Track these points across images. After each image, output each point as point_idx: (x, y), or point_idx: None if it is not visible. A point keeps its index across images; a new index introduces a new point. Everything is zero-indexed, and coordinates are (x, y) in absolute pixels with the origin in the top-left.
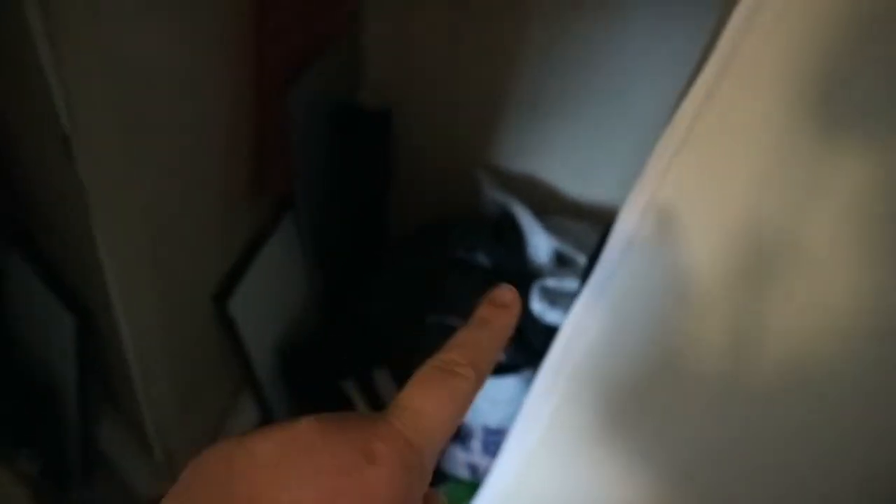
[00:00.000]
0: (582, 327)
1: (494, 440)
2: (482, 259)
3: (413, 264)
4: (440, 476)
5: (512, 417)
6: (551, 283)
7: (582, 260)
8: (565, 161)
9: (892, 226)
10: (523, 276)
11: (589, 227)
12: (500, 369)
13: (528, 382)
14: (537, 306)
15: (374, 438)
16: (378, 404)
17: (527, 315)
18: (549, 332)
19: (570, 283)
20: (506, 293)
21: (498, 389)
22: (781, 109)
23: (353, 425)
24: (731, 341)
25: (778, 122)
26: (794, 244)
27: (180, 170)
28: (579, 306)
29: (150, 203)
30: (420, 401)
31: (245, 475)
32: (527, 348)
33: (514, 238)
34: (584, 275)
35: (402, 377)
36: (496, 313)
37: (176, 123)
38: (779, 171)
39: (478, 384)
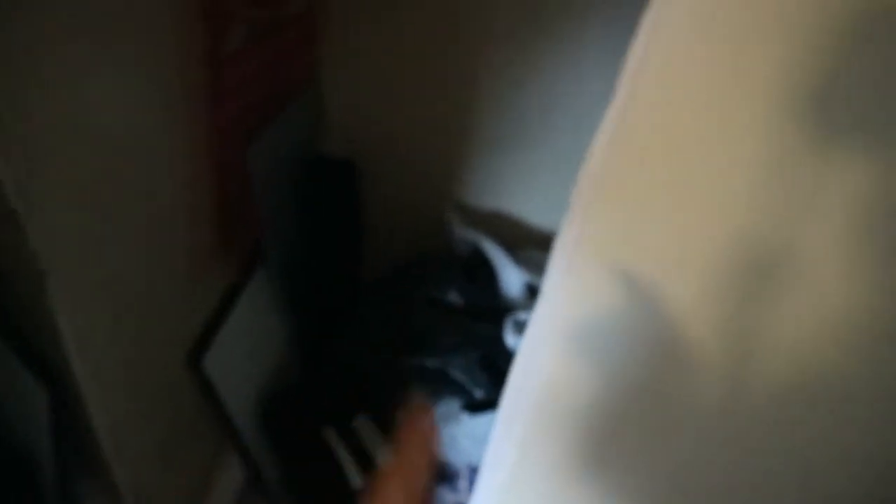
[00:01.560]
0: (535, 363)
1: None
2: (455, 297)
3: (387, 308)
4: None
5: None
6: (524, 316)
7: None
8: (531, 194)
9: (887, 231)
10: (497, 311)
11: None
12: (480, 406)
13: None
14: (512, 340)
15: None
16: (360, 450)
17: (502, 349)
18: None
19: None
20: (424, 421)
21: (479, 426)
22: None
23: None
24: (721, 361)
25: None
26: (784, 258)
27: (142, 234)
28: (527, 342)
29: (112, 270)
30: None
31: None
32: (505, 382)
33: (485, 274)
34: None
35: (382, 422)
36: (415, 439)
37: (133, 189)
38: (772, 183)
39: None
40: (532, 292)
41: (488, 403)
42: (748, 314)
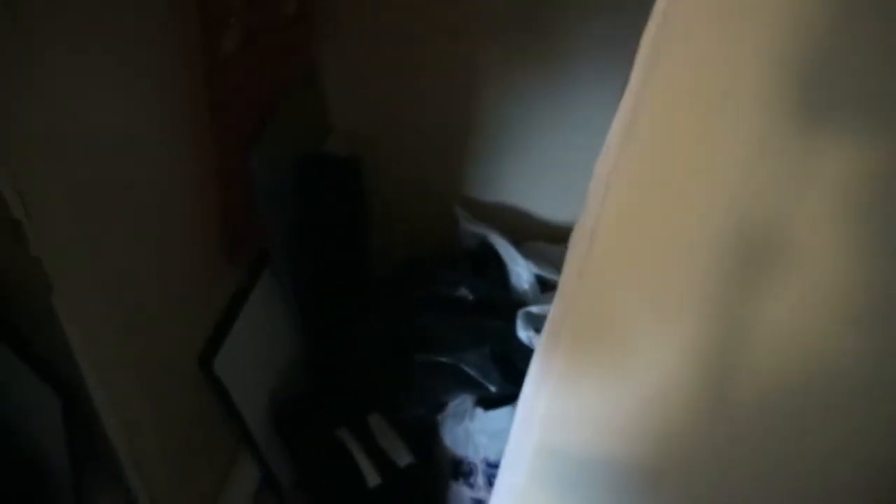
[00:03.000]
0: (548, 363)
1: (497, 473)
2: (465, 292)
3: (396, 305)
4: None
5: None
6: (535, 309)
7: None
8: (537, 186)
9: (877, 215)
10: (507, 304)
11: (565, 249)
12: (494, 402)
13: None
14: (524, 334)
15: None
16: (374, 448)
17: (514, 343)
18: None
19: None
20: None
21: (493, 422)
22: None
23: None
24: (718, 348)
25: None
26: (780, 241)
27: (147, 240)
28: (543, 340)
29: (118, 277)
30: None
31: None
32: (518, 377)
33: (494, 268)
34: None
35: (395, 419)
36: None
37: (137, 196)
38: (754, 168)
39: None
40: (542, 284)
41: (502, 398)
42: (744, 300)
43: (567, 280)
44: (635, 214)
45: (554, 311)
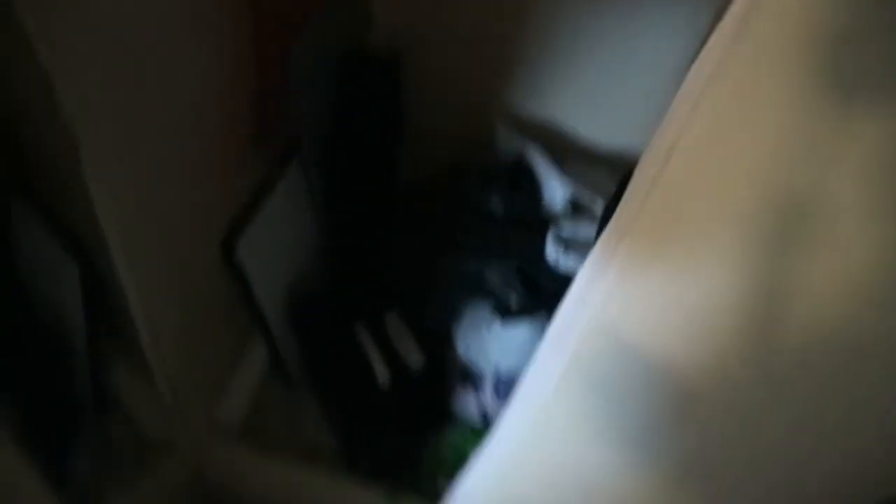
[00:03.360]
0: (594, 283)
1: (505, 385)
2: (497, 205)
3: (426, 210)
4: (450, 418)
5: (523, 364)
6: (566, 230)
7: (598, 206)
8: (580, 104)
9: None
10: (538, 222)
11: (605, 172)
12: (512, 315)
13: (541, 329)
14: (552, 253)
15: None
16: (388, 347)
17: (541, 262)
18: (563, 279)
19: (584, 231)
20: None
21: (509, 335)
22: (800, 72)
23: None
24: (756, 306)
25: (796, 84)
26: (817, 207)
27: (178, 117)
28: (591, 261)
29: (147, 149)
30: None
31: None
32: (540, 294)
33: (529, 184)
34: (601, 224)
35: (412, 320)
36: None
37: (171, 74)
38: (799, 134)
39: None
40: (575, 206)
41: (521, 312)
42: (778, 268)
43: (634, 193)
44: (716, 139)
45: (618, 216)
